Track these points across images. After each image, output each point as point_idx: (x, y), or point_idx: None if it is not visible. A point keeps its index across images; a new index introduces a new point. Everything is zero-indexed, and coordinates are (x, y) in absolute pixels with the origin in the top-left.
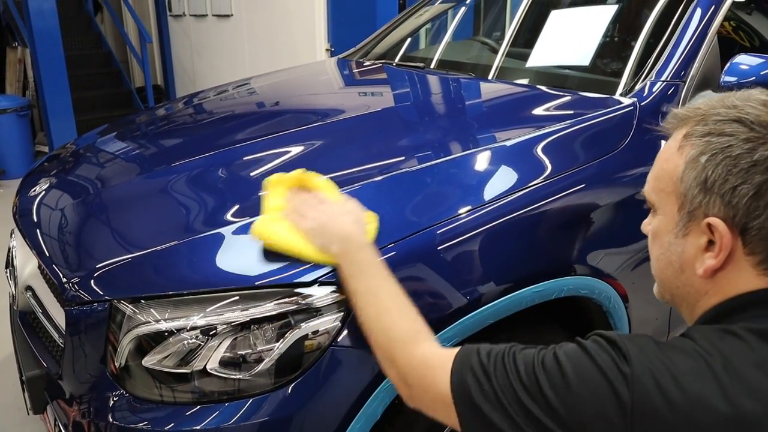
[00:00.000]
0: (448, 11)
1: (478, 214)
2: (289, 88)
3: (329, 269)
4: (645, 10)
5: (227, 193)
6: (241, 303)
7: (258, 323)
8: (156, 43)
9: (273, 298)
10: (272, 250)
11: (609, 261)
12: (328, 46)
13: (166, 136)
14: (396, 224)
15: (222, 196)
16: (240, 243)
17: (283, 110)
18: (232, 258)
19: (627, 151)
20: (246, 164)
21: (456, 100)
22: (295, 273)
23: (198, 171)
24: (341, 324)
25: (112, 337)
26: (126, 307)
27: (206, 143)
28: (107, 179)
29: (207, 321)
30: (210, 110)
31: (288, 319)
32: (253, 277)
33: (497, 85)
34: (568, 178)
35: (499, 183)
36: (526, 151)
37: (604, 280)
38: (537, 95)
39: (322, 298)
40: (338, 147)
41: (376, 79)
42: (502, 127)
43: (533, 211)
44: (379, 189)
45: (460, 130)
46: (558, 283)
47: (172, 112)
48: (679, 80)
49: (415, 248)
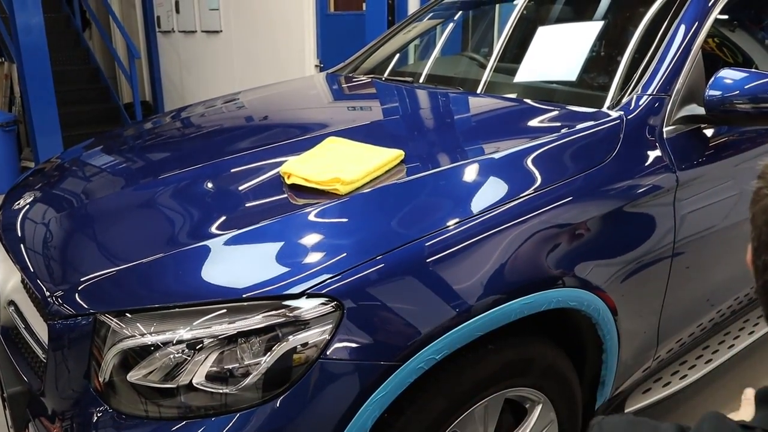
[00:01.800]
0: (437, 27)
1: (467, 226)
2: (278, 102)
3: (318, 281)
4: (630, 26)
5: (214, 205)
6: (228, 316)
7: (245, 336)
8: (145, 58)
9: (260, 311)
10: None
11: (598, 273)
12: (318, 62)
13: (153, 149)
14: (384, 236)
15: (209, 208)
16: (227, 255)
17: (271, 124)
18: (219, 270)
19: (614, 164)
20: (233, 177)
21: (445, 114)
22: (283, 285)
23: (185, 183)
24: (330, 336)
25: (96, 352)
26: (110, 320)
27: (193, 156)
28: (93, 192)
29: (193, 334)
30: (198, 124)
31: (276, 332)
32: (240, 290)
33: (486, 99)
34: (557, 190)
35: (487, 195)
36: (515, 163)
37: (593, 293)
38: (525, 109)
39: (310, 311)
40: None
41: (365, 94)
42: (491, 139)
43: (522, 223)
44: (367, 200)
45: (448, 143)
46: (547, 295)
47: (160, 126)
48: (664, 94)
49: (403, 260)
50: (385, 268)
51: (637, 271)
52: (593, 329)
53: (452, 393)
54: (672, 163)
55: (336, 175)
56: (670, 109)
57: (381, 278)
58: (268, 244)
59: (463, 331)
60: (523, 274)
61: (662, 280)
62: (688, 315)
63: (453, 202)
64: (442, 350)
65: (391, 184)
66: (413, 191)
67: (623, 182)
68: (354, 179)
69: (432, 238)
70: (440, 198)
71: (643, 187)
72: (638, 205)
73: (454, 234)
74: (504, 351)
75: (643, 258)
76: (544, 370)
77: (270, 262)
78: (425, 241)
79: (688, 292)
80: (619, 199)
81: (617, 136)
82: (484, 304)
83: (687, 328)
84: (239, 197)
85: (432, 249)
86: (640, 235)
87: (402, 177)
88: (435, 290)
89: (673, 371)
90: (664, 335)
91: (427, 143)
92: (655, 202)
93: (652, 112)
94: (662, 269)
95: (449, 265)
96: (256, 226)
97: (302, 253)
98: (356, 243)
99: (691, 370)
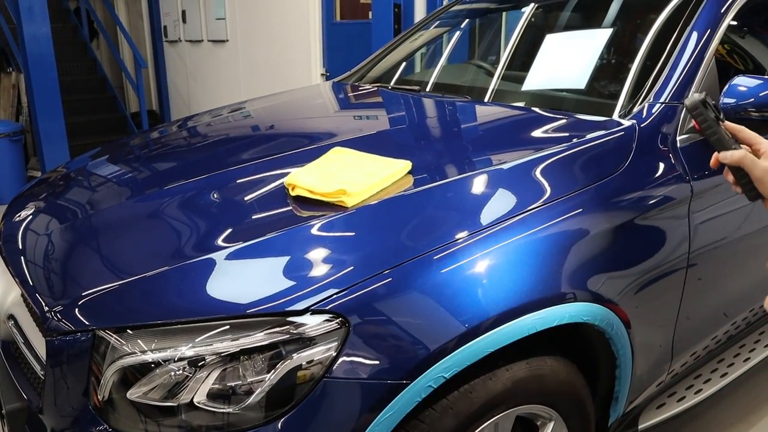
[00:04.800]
0: (444, 35)
1: (476, 239)
2: (284, 111)
3: (323, 296)
4: (640, 32)
5: (220, 216)
6: (231, 333)
7: (248, 354)
8: (151, 68)
9: (264, 328)
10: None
11: (610, 286)
12: (324, 71)
13: (158, 159)
14: (391, 250)
15: (214, 220)
16: (230, 269)
17: (277, 133)
18: (222, 285)
19: (626, 174)
20: (238, 188)
21: (452, 123)
22: (287, 301)
23: (190, 194)
24: (335, 354)
25: (96, 369)
26: (110, 336)
27: (199, 166)
28: (97, 203)
29: (195, 351)
30: (204, 133)
31: (279, 349)
32: (243, 306)
33: (493, 108)
34: (567, 201)
35: (496, 207)
36: (524, 174)
37: (606, 306)
38: (533, 118)
39: (315, 327)
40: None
41: (371, 103)
42: (499, 150)
43: (532, 236)
44: (373, 213)
45: (456, 153)
46: (558, 311)
47: (166, 135)
48: (677, 102)
49: (410, 275)
50: (392, 284)
51: (650, 284)
52: (606, 344)
53: (461, 412)
54: (686, 172)
55: (342, 187)
56: (683, 117)
57: (388, 294)
58: (272, 259)
59: (473, 348)
60: (534, 288)
61: (677, 292)
62: (703, 327)
63: (461, 214)
64: (451, 368)
65: (398, 196)
66: (421, 203)
67: (636, 193)
68: (360, 191)
69: (440, 252)
70: (448, 211)
71: (657, 198)
72: (651, 217)
73: (462, 248)
74: (515, 368)
75: (657, 270)
76: (556, 386)
77: (273, 278)
78: (433, 255)
79: (703, 303)
80: (631, 211)
81: (629, 146)
82: (494, 320)
83: (702, 341)
84: (244, 209)
85: (440, 263)
86: (654, 247)
87: (409, 189)
88: (443, 306)
89: (687, 385)
90: (678, 349)
91: (435, 153)
92: (669, 213)
93: (665, 121)
94: (676, 281)
95: (458, 279)
96: (259, 240)
97: (307, 268)
98: (362, 257)
99: (706, 384)
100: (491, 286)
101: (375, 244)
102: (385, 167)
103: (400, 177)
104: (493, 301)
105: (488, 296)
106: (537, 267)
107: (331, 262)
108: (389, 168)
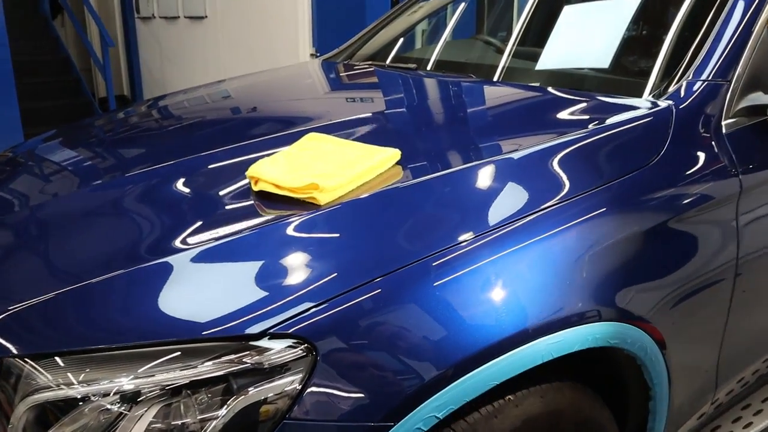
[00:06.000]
0: (447, 6)
1: (481, 242)
2: (267, 91)
3: (285, 317)
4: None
5: (183, 211)
6: (179, 361)
7: (194, 387)
8: (122, 47)
9: (215, 355)
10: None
11: (641, 301)
12: (313, 51)
13: (121, 142)
14: (382, 254)
15: (175, 214)
16: (188, 278)
17: (259, 115)
18: (176, 299)
19: (661, 166)
20: (212, 174)
21: (454, 106)
22: (241, 323)
23: (153, 183)
24: (300, 388)
25: (5, 405)
26: (23, 365)
27: (167, 151)
28: (43, 193)
29: (134, 384)
30: (176, 115)
31: (230, 382)
32: (200, 326)
33: (503, 89)
34: (589, 199)
35: (505, 205)
36: (538, 165)
37: (637, 325)
38: (549, 100)
39: (274, 355)
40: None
41: (364, 83)
42: (508, 136)
43: (546, 240)
44: (351, 212)
45: (457, 141)
46: (580, 333)
47: (132, 116)
48: (723, 80)
49: (405, 285)
50: (372, 301)
51: (690, 296)
52: (638, 371)
53: None
54: (733, 164)
55: (313, 181)
56: (729, 98)
57: (366, 313)
58: (232, 267)
59: (474, 379)
60: (550, 304)
61: (722, 306)
62: (753, 348)
63: (461, 214)
64: (446, 405)
65: (383, 191)
66: (412, 201)
67: (672, 189)
68: (336, 185)
69: (439, 258)
70: (445, 209)
71: (697, 195)
72: (691, 218)
73: (466, 252)
74: (526, 402)
75: (698, 280)
76: (577, 424)
77: (231, 292)
78: (431, 260)
79: (753, 319)
80: (666, 211)
81: (664, 132)
82: (501, 345)
83: (751, 364)
84: (210, 203)
85: (439, 272)
86: (694, 254)
87: (398, 182)
88: (436, 328)
89: (734, 417)
90: (724, 373)
91: (432, 140)
92: (713, 214)
93: (707, 102)
94: (722, 293)
95: (460, 291)
96: (217, 244)
97: (266, 282)
98: (336, 268)
99: (756, 416)
100: (496, 302)
101: (353, 251)
102: (368, 157)
103: (387, 168)
104: (500, 320)
105: (493, 315)
106: (552, 278)
107: (297, 274)
108: (373, 157)
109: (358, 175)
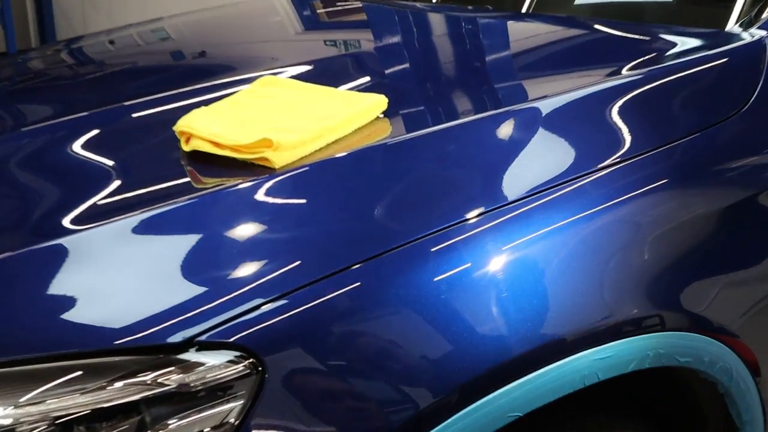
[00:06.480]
0: None
1: (497, 221)
2: (220, 32)
3: (219, 320)
4: None
5: (93, 174)
6: (82, 381)
7: (94, 419)
8: None
9: (123, 373)
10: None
11: (723, 305)
12: None
13: (20, 92)
14: (361, 234)
15: (82, 179)
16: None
17: (208, 61)
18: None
19: (745, 121)
20: (133, 129)
21: (467, 47)
22: (160, 330)
23: (55, 139)
24: (239, 421)
25: None
26: None
27: (81, 101)
28: None
29: (15, 415)
30: (96, 60)
31: (147, 411)
32: (111, 332)
33: (532, 24)
34: (648, 164)
35: (530, 171)
36: (573, 118)
37: (718, 339)
38: (596, 38)
39: (204, 373)
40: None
41: (348, 21)
42: (536, 79)
43: (587, 220)
44: (330, 174)
45: (468, 87)
46: (636, 345)
47: (35, 60)
48: None
49: (393, 278)
50: (347, 298)
51: None
52: (721, 402)
53: None
54: None
55: (266, 135)
56: None
57: (338, 316)
58: (143, 255)
59: (484, 411)
60: (591, 307)
61: None
62: None
63: (470, 182)
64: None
65: (363, 149)
66: (402, 163)
67: (760, 154)
68: (296, 141)
69: (441, 241)
70: (448, 175)
71: None
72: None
73: (477, 234)
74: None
75: None
76: None
77: (144, 287)
78: (419, 249)
79: None
80: (756, 180)
81: (756, 73)
82: (523, 362)
83: None
84: (120, 167)
85: (441, 260)
86: None
87: (383, 139)
88: (444, 332)
89: None
90: None
91: (434, 87)
92: None
93: None
94: None
95: (469, 288)
96: (119, 223)
97: (197, 272)
98: (297, 253)
99: None
100: (522, 300)
101: (318, 231)
102: (343, 105)
103: (368, 121)
104: (522, 328)
105: (517, 318)
106: (595, 272)
107: (243, 261)
108: (350, 106)
109: (328, 128)
